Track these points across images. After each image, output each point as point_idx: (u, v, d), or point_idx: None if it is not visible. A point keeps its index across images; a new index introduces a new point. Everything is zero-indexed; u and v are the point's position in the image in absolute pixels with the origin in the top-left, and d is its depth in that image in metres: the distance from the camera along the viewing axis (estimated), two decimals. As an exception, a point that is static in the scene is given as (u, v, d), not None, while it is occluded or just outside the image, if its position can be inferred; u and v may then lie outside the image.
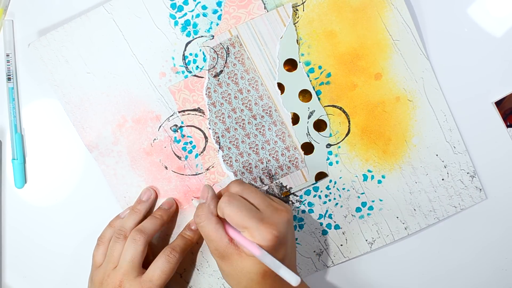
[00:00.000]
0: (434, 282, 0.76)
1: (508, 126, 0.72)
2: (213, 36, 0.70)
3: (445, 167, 0.71)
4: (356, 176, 0.72)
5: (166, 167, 0.72)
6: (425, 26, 0.71)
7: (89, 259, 0.72)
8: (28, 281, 0.76)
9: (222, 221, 0.64)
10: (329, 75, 0.70)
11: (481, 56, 0.71)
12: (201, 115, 0.71)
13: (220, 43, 0.70)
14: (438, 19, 0.71)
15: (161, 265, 0.67)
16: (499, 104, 0.71)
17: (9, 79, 0.72)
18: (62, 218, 0.75)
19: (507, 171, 0.73)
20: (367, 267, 0.75)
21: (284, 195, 0.72)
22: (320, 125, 0.71)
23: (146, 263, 0.68)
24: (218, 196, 0.67)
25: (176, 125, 0.71)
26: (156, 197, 0.73)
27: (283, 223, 0.64)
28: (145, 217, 0.71)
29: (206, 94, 0.70)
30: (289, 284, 0.61)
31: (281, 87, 0.70)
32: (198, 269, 0.74)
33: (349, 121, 0.71)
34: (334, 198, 0.72)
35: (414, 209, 0.72)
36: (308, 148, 0.71)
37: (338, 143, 0.71)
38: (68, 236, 0.75)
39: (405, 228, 0.72)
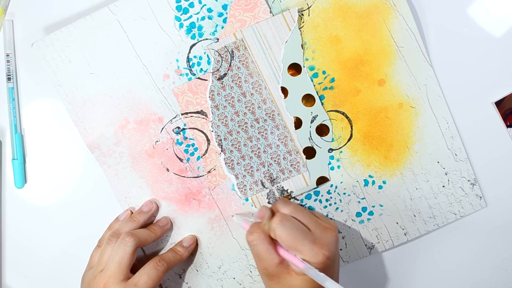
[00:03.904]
0: (434, 282, 0.76)
1: (508, 126, 0.72)
2: (218, 39, 0.69)
3: (446, 174, 0.72)
4: (357, 181, 0.72)
5: (167, 169, 0.72)
6: (426, 26, 0.71)
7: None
8: (28, 281, 0.76)
9: (274, 242, 0.65)
10: (332, 80, 0.70)
11: (481, 56, 0.71)
12: (204, 118, 0.71)
13: (225, 46, 0.69)
14: (438, 19, 0.71)
15: (149, 271, 0.67)
16: (499, 104, 0.72)
17: (9, 79, 0.72)
18: (62, 218, 0.75)
19: (507, 170, 0.73)
20: (367, 267, 0.76)
21: (285, 199, 0.72)
22: (322, 130, 0.71)
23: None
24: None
25: (178, 127, 0.71)
26: (157, 211, 0.73)
27: (333, 242, 0.64)
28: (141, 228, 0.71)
29: (209, 97, 0.70)
30: None
31: (284, 91, 0.70)
32: (197, 270, 0.74)
33: (351, 126, 0.71)
34: (335, 203, 0.72)
35: (414, 215, 0.72)
36: (310, 152, 0.71)
37: (340, 148, 0.71)
38: (68, 236, 0.75)
39: (405, 234, 0.73)
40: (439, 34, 0.71)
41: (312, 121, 0.71)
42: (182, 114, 0.71)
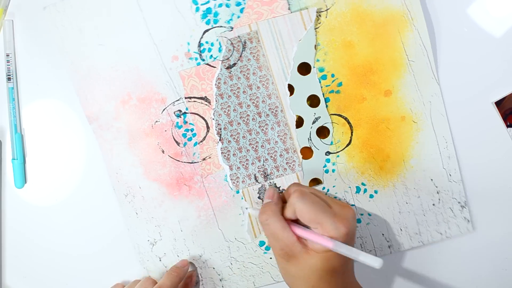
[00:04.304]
0: (434, 282, 0.76)
1: (508, 126, 0.72)
2: (232, 28, 0.69)
3: (437, 193, 0.72)
4: (349, 187, 0.72)
5: (163, 151, 0.71)
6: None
7: (89, 259, 0.73)
8: (28, 281, 0.75)
9: (288, 222, 0.64)
10: (340, 84, 0.70)
11: (481, 56, 0.72)
12: (206, 104, 0.71)
13: (238, 36, 0.69)
14: (439, 19, 0.71)
15: None
16: (499, 104, 0.72)
17: (9, 79, 0.71)
18: (62, 218, 0.74)
19: (507, 170, 0.74)
20: (367, 266, 0.75)
21: (276, 196, 0.72)
22: (323, 132, 0.71)
23: None
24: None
25: (180, 111, 0.71)
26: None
27: (352, 218, 0.64)
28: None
29: (215, 84, 0.70)
30: (354, 280, 0.62)
31: (291, 88, 0.70)
32: (178, 256, 0.73)
33: (351, 132, 0.71)
34: (325, 206, 0.72)
35: (401, 229, 0.73)
36: (307, 153, 0.71)
37: (337, 152, 0.71)
38: (68, 236, 0.75)
39: (389, 247, 0.73)
40: (439, 33, 0.71)
41: (313, 122, 0.71)
42: (185, 98, 0.70)
